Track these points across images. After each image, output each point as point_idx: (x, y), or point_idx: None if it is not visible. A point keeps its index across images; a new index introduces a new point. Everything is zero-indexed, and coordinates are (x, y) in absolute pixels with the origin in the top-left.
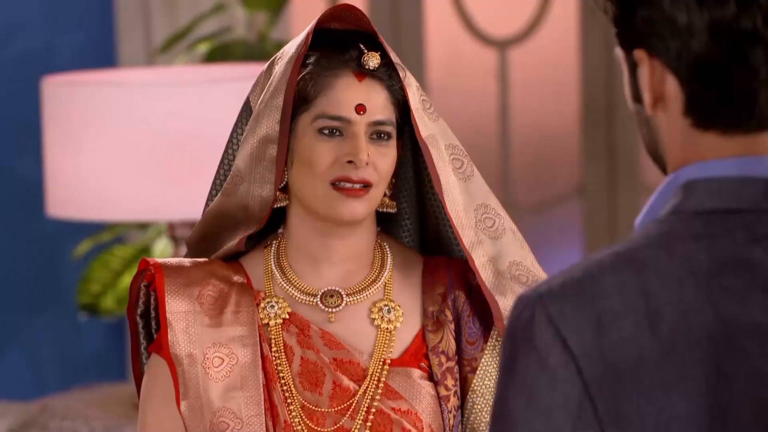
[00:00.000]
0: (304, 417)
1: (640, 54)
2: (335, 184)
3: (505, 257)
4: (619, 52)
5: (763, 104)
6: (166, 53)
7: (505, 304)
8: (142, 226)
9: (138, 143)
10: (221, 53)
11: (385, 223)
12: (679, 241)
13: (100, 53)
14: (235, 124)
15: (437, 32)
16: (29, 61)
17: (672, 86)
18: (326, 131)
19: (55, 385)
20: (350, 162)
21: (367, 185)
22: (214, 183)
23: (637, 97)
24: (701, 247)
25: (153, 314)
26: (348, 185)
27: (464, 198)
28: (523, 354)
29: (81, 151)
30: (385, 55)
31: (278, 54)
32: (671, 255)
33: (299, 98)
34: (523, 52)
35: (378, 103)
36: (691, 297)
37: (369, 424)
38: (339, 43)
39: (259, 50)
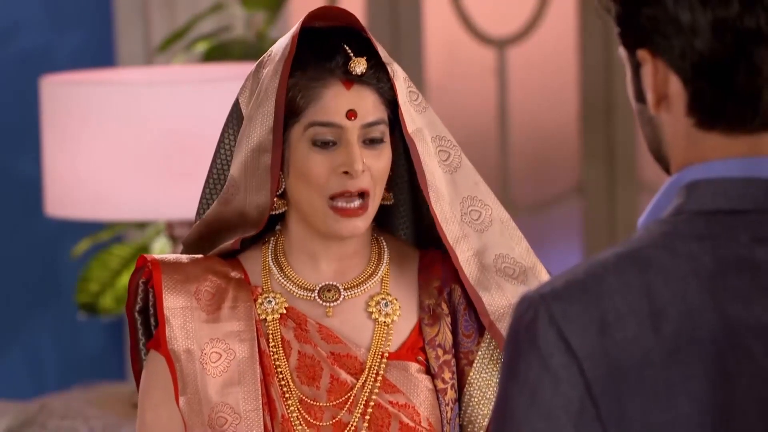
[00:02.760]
0: (302, 411)
1: (643, 53)
2: (333, 201)
3: (491, 250)
4: (622, 51)
5: (766, 104)
6: (165, 52)
7: (489, 299)
8: (141, 226)
9: (137, 142)
10: (220, 52)
11: (381, 213)
12: (683, 242)
13: (99, 52)
14: (225, 126)
15: (436, 31)
16: (28, 61)
17: (675, 86)
18: (319, 143)
19: (54, 384)
20: (346, 172)
21: (364, 195)
22: (207, 183)
23: (641, 97)
24: (705, 248)
25: (152, 311)
26: (347, 204)
27: (450, 191)
28: (525, 354)
29: (80, 150)
30: (372, 55)
31: (266, 56)
32: (675, 255)
33: (289, 110)
34: (522, 52)
35: (368, 106)
36: (695, 297)
37: (367, 417)
38: (325, 47)
39: (257, 49)
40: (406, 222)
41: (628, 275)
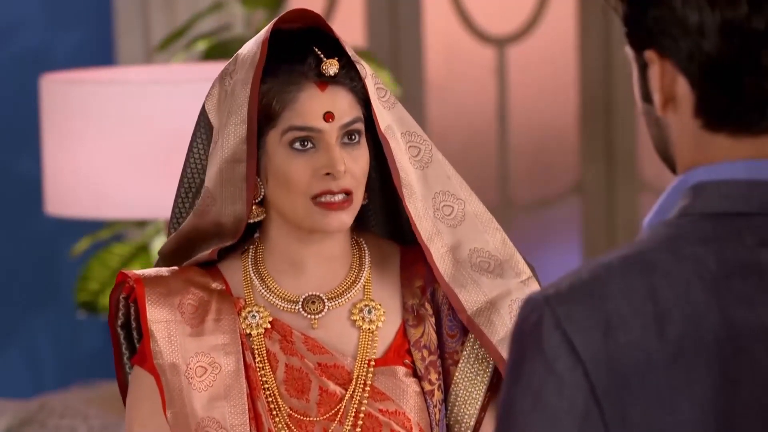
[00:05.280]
0: (291, 426)
1: (650, 54)
2: (317, 199)
3: (466, 245)
4: (629, 51)
5: None
6: (165, 51)
7: (465, 295)
8: (141, 224)
9: (136, 141)
10: (219, 51)
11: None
12: (688, 244)
13: (99, 51)
14: (194, 134)
15: (436, 30)
16: (28, 59)
17: (683, 87)
18: (298, 144)
19: (53, 383)
20: (328, 174)
21: (348, 193)
22: (178, 193)
23: (647, 98)
24: (710, 250)
25: (134, 325)
26: (331, 198)
27: (422, 187)
28: (529, 357)
29: (80, 148)
30: (341, 55)
31: (231, 63)
32: (679, 258)
33: (263, 116)
34: (522, 50)
35: (344, 106)
36: (699, 300)
37: (359, 429)
38: (294, 50)
39: None
40: (376, 222)
41: (632, 278)
